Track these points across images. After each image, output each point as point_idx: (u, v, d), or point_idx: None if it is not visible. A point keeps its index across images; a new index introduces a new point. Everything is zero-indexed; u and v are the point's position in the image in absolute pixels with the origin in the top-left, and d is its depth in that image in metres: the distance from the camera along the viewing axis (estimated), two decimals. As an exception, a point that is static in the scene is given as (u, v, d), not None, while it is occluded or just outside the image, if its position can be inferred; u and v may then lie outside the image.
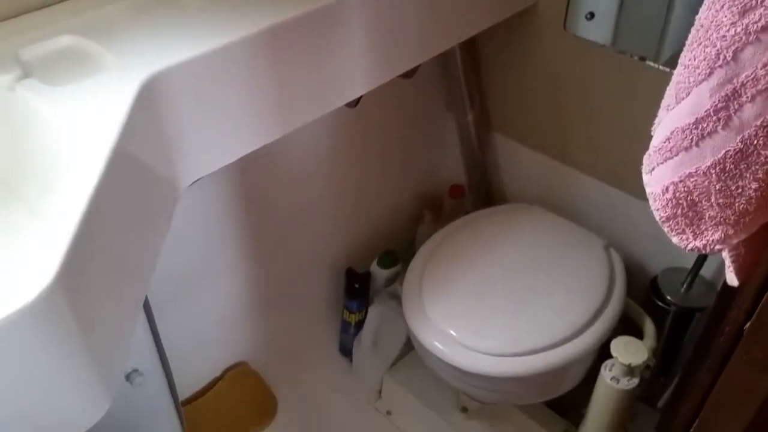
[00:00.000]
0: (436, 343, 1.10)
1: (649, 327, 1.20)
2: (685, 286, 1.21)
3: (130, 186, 0.65)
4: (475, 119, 1.41)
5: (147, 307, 0.95)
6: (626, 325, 1.22)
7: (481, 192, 1.53)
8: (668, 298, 1.21)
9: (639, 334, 1.18)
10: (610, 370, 1.08)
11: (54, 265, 0.48)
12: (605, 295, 1.15)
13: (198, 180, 0.89)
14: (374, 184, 1.42)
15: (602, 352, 1.13)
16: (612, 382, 1.07)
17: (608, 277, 1.18)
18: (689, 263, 1.20)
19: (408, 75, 1.19)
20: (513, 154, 1.45)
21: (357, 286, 1.39)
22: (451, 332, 1.10)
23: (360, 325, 1.41)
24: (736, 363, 0.54)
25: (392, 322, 1.35)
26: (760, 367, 0.51)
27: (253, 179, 1.17)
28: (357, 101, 1.16)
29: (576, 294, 1.15)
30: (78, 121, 0.62)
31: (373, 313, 1.34)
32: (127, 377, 0.98)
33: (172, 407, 1.09)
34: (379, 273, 1.37)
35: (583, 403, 1.19)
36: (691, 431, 0.61)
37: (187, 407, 1.32)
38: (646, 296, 1.25)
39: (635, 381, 1.07)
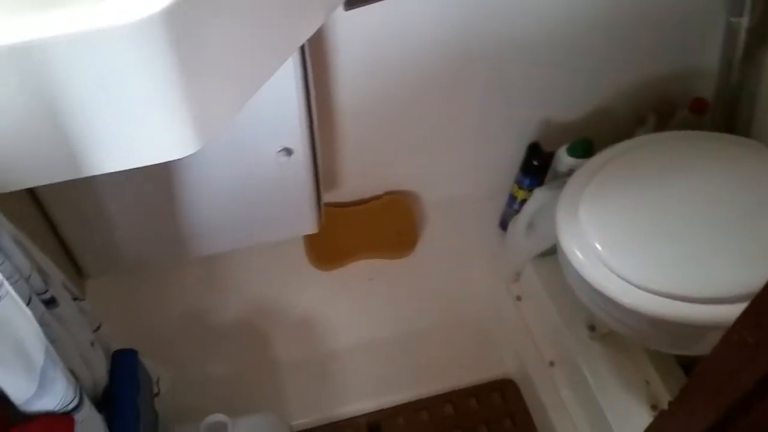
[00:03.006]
0: (576, 250, 1.05)
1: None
2: None
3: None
4: (751, 27, 1.20)
5: (308, 95, 1.01)
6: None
7: (725, 115, 1.34)
8: None
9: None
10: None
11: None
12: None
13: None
14: (602, 58, 1.29)
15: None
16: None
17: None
18: None
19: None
20: (781, 83, 1.23)
21: (536, 163, 1.34)
22: (596, 244, 1.04)
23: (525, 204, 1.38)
24: (725, 344, 0.46)
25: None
26: (749, 354, 0.43)
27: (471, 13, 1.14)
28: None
29: (763, 256, 1.00)
30: None
31: (539, 195, 1.30)
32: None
33: (314, 198, 1.19)
34: (565, 159, 1.30)
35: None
36: (670, 402, 0.54)
37: (336, 209, 1.44)
38: None
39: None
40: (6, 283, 0.53)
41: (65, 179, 0.64)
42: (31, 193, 1.04)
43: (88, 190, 1.04)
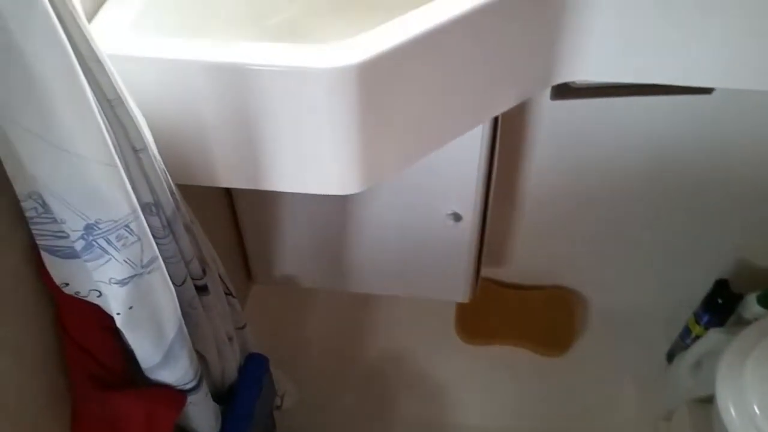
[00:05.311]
0: (731, 406, 0.98)
1: None
2: None
3: (499, 38, 0.70)
4: None
5: (491, 167, 1.04)
6: None
7: None
8: None
9: None
10: None
11: (372, 51, 0.60)
12: None
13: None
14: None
15: None
16: None
17: None
18: None
19: None
20: None
21: (720, 301, 1.25)
22: (755, 407, 0.95)
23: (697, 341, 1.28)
24: None
25: (727, 358, 1.19)
26: None
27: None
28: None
29: None
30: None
31: (714, 336, 1.20)
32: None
33: (472, 269, 1.21)
34: (753, 307, 1.20)
35: None
36: None
37: (496, 287, 1.44)
38: None
39: None
40: (160, 259, 0.61)
41: (241, 186, 0.73)
42: (228, 193, 1.18)
43: (276, 203, 1.16)
